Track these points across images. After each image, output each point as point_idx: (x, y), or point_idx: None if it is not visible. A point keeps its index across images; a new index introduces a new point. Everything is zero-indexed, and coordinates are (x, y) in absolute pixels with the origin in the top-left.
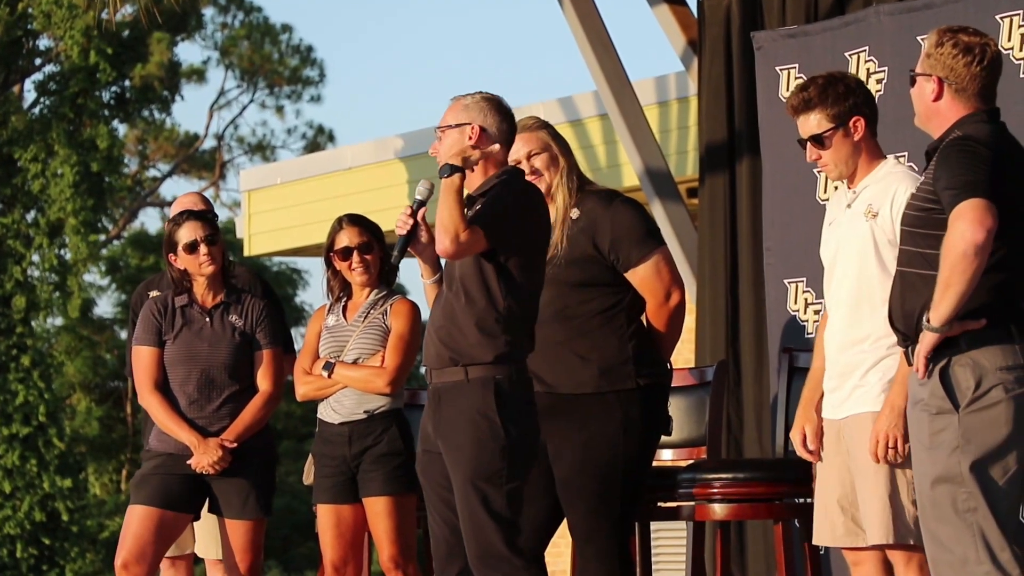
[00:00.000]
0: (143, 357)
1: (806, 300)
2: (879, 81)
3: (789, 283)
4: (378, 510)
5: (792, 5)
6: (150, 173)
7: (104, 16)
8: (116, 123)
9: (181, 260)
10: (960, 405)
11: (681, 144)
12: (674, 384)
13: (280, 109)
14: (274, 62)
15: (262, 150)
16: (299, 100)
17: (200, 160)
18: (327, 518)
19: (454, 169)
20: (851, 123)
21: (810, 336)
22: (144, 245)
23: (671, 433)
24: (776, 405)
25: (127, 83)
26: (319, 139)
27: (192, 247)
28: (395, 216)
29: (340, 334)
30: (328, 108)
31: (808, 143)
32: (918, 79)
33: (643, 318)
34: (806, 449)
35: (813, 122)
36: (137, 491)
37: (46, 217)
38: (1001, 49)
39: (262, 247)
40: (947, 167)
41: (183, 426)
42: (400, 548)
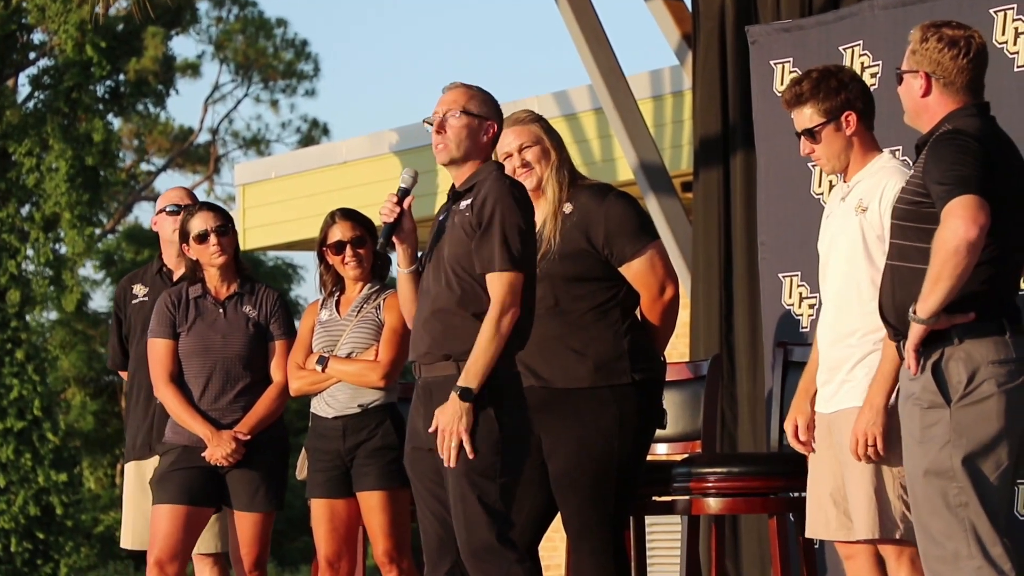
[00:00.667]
0: (158, 350)
1: (800, 294)
2: (873, 75)
3: (783, 277)
4: (372, 505)
5: None
6: (145, 167)
7: (98, 10)
8: (111, 117)
9: (193, 250)
10: (952, 399)
11: (675, 138)
12: (668, 378)
13: (275, 103)
14: (269, 56)
15: (257, 144)
16: (294, 94)
17: (195, 154)
18: (321, 513)
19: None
20: (843, 118)
21: (804, 330)
22: (139, 239)
23: (665, 427)
24: (771, 399)
25: (122, 77)
26: (314, 133)
27: (203, 237)
28: (380, 207)
29: (333, 328)
30: (323, 102)
31: (801, 137)
32: (905, 76)
33: (638, 313)
34: (798, 440)
35: (806, 116)
36: (160, 490)
37: (41, 211)
38: (995, 42)
39: (257, 241)
40: (938, 161)
41: (197, 418)
42: (395, 542)
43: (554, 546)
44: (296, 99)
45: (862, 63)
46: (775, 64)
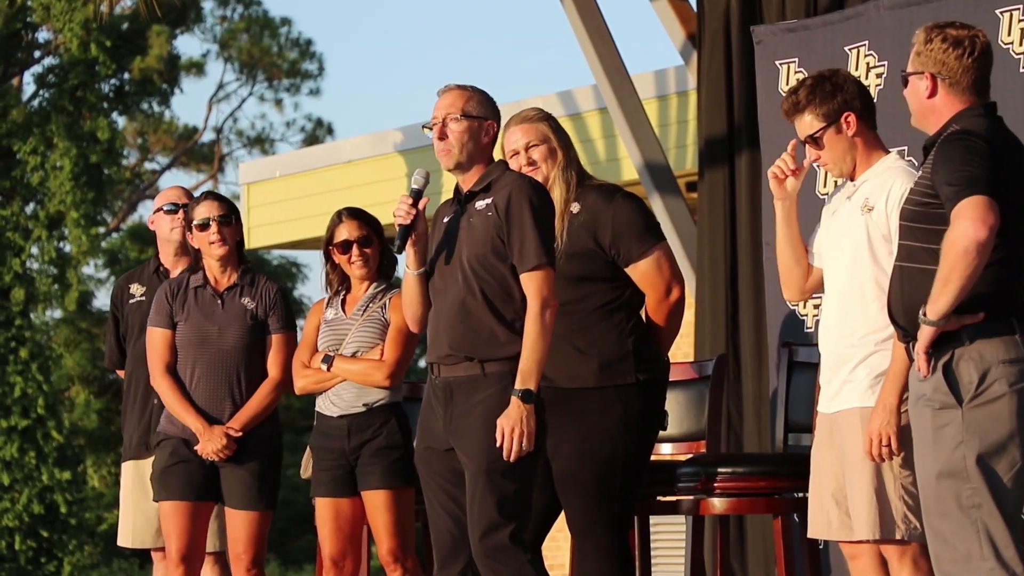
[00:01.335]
0: (155, 339)
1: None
2: (879, 75)
3: None
4: (377, 504)
5: None
6: (149, 166)
7: (103, 8)
8: (115, 116)
9: (195, 238)
10: (963, 400)
11: (680, 138)
12: (673, 378)
13: (279, 102)
14: (273, 55)
15: (261, 143)
16: (298, 93)
17: (199, 153)
18: (326, 511)
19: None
20: (842, 119)
21: (809, 330)
22: (143, 237)
23: (666, 427)
24: (776, 399)
25: (126, 76)
26: (318, 132)
27: (204, 225)
28: (394, 209)
29: (339, 327)
30: (327, 101)
31: (806, 144)
32: (910, 78)
33: (642, 313)
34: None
35: (806, 123)
36: (163, 487)
37: (45, 210)
38: (1000, 43)
39: (261, 240)
40: (947, 161)
41: (190, 411)
42: (399, 542)
43: (557, 545)
44: (300, 98)
45: (868, 63)
46: (780, 64)
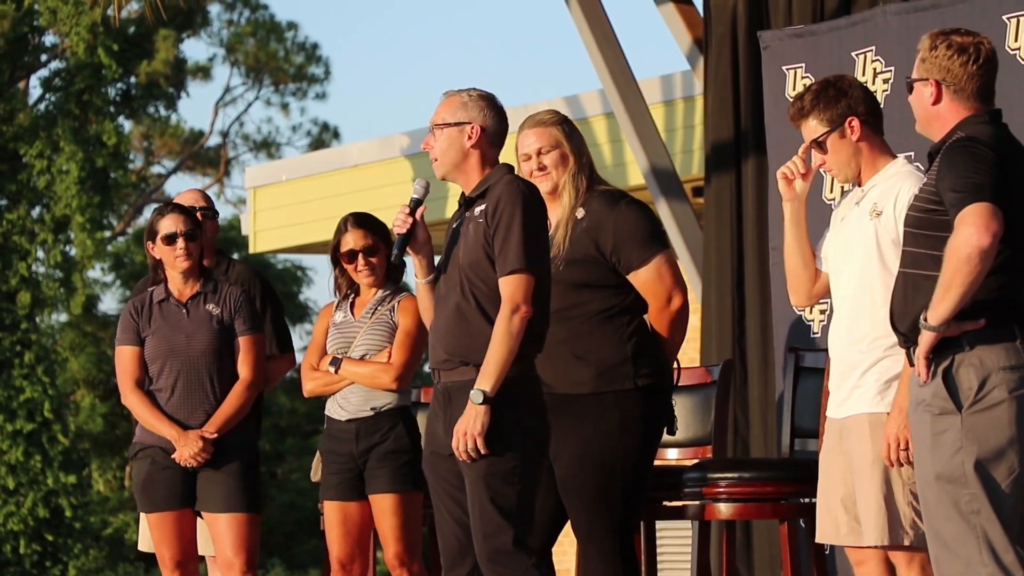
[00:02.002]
0: (124, 357)
1: None
2: (886, 81)
3: None
4: (384, 507)
5: (798, 4)
6: (155, 170)
7: (110, 13)
8: (121, 120)
9: (158, 250)
10: (963, 406)
11: (687, 143)
12: (680, 383)
13: (285, 106)
14: (279, 59)
15: (267, 147)
16: (304, 97)
17: (205, 157)
18: (334, 515)
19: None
20: (846, 124)
21: (816, 335)
22: None
23: (675, 433)
24: (782, 404)
25: (133, 80)
26: (324, 136)
27: (170, 239)
28: (394, 218)
29: (347, 330)
30: (333, 105)
31: (812, 149)
32: (915, 85)
33: (646, 318)
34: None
35: (811, 128)
36: (146, 498)
37: (51, 213)
38: (1007, 49)
39: (267, 244)
40: (951, 168)
41: (163, 421)
42: (406, 546)
43: (563, 550)
44: (307, 102)
45: (875, 68)
46: (787, 69)
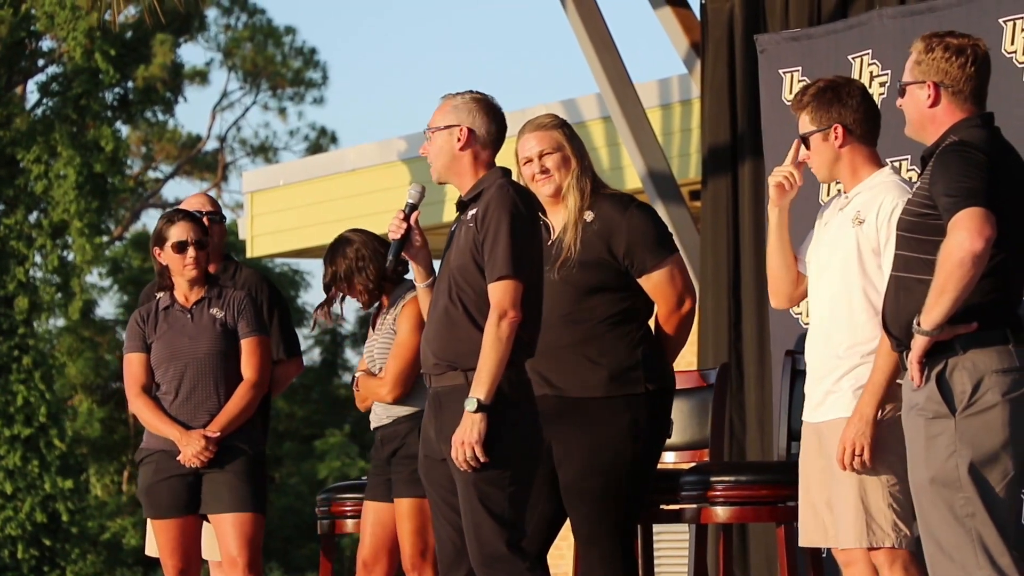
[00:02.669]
0: (131, 363)
1: (808, 303)
2: (882, 84)
3: None
4: (399, 511)
5: (795, 8)
6: (153, 175)
7: (107, 18)
8: (119, 124)
9: (166, 256)
10: (956, 409)
11: (684, 147)
12: (676, 387)
13: (283, 111)
14: (277, 64)
15: (264, 152)
16: (302, 102)
17: (202, 162)
18: (367, 516)
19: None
20: (831, 130)
21: None
22: (146, 247)
23: (670, 436)
24: (779, 408)
25: (130, 85)
26: (321, 141)
27: (181, 247)
28: (389, 224)
29: (370, 346)
30: (331, 110)
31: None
32: (909, 88)
33: (650, 323)
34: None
35: (802, 122)
36: (151, 504)
37: (49, 218)
38: (1003, 52)
39: (264, 249)
40: (945, 172)
41: (167, 423)
42: (417, 550)
43: (561, 554)
44: (304, 107)
45: (871, 72)
46: (784, 73)
